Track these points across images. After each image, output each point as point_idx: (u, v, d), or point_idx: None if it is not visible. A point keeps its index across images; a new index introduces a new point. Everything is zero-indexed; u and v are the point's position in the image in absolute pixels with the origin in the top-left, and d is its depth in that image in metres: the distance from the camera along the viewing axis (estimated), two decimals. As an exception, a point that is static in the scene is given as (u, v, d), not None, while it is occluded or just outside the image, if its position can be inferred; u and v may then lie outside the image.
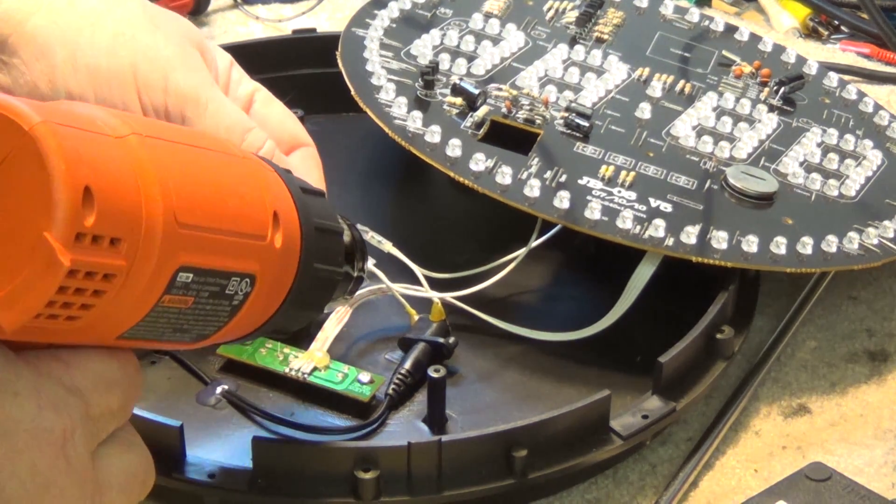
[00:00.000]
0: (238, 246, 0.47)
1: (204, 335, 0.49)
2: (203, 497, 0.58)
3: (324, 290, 0.54)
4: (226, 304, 0.48)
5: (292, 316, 0.52)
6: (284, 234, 0.50)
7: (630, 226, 0.64)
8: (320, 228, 0.53)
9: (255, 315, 0.50)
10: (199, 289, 0.46)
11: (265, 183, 0.50)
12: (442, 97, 0.71)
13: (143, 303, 0.44)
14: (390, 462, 0.56)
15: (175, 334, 0.47)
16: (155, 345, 0.48)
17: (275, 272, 0.49)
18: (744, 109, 0.74)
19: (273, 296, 0.50)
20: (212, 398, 0.62)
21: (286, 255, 0.50)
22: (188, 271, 0.45)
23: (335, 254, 0.54)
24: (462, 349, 0.64)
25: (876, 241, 0.67)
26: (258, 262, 0.48)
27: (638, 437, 0.59)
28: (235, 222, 0.47)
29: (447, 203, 0.76)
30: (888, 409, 0.65)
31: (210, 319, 0.48)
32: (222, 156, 0.49)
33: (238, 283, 0.48)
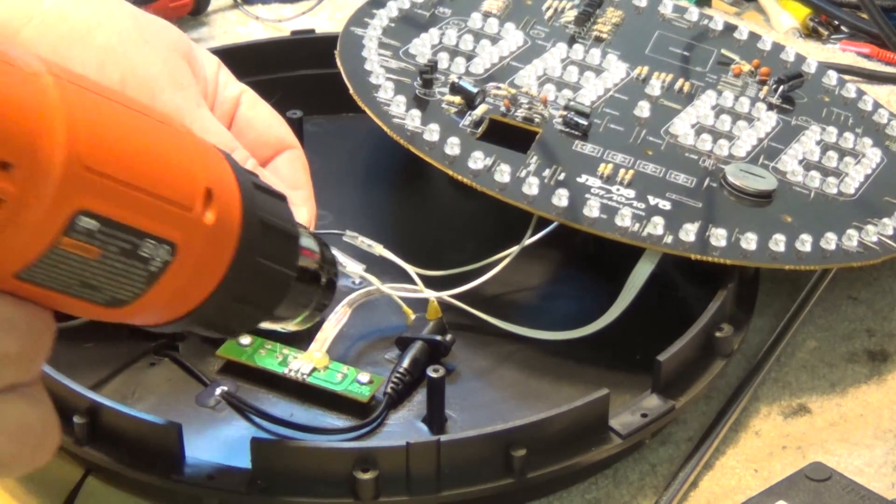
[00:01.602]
0: (156, 208, 0.46)
1: (118, 299, 0.48)
2: (202, 498, 0.57)
3: (269, 288, 0.53)
4: (140, 267, 0.47)
5: (230, 309, 0.52)
6: (219, 215, 0.49)
7: (629, 223, 0.64)
8: (268, 224, 0.52)
9: (182, 294, 0.49)
10: (107, 241, 0.45)
11: (203, 159, 0.49)
12: (440, 96, 0.71)
13: (38, 238, 0.43)
14: (389, 462, 0.55)
15: (84, 290, 0.46)
16: (64, 301, 0.47)
17: (203, 250, 0.49)
18: (743, 108, 0.74)
19: (203, 278, 0.50)
20: (211, 399, 0.62)
21: (219, 237, 0.49)
22: (92, 218, 0.44)
23: (286, 254, 0.53)
24: (461, 348, 0.64)
25: (875, 239, 0.67)
26: (181, 231, 0.47)
27: (637, 436, 0.59)
28: (156, 184, 0.46)
29: (446, 202, 0.76)
30: (888, 409, 0.65)
31: (123, 282, 0.47)
32: (158, 123, 0.48)
33: (154, 247, 0.47)
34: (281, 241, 0.54)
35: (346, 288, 0.66)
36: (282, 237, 0.54)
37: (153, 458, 0.57)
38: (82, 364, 0.63)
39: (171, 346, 0.65)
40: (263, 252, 0.52)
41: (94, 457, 0.57)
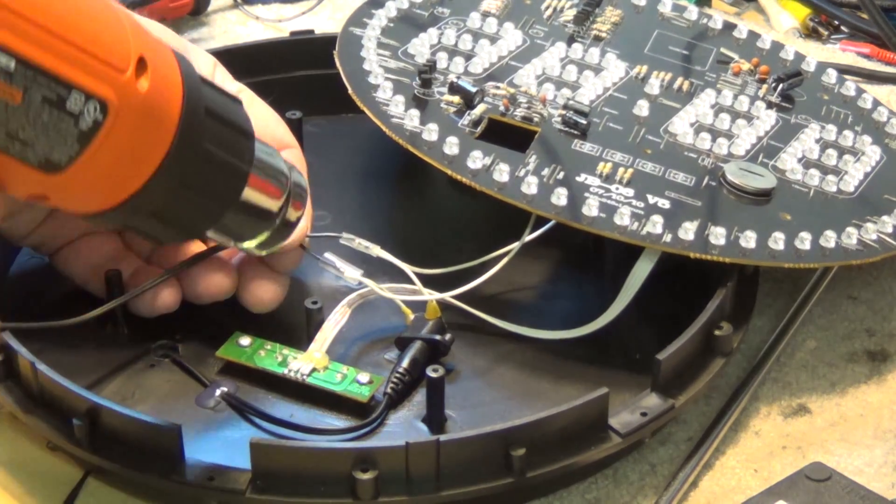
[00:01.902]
0: (82, 61, 0.46)
1: (52, 162, 0.47)
2: (202, 498, 0.58)
3: (220, 179, 0.53)
4: (70, 122, 0.47)
5: (179, 197, 0.51)
6: (154, 85, 0.48)
7: (628, 222, 0.64)
8: (214, 112, 0.52)
9: (122, 169, 0.49)
10: (29, 85, 0.45)
11: (137, 31, 0.49)
12: (439, 96, 0.71)
13: None
14: (389, 462, 0.55)
15: (14, 143, 0.46)
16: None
17: (138, 120, 0.48)
18: (742, 106, 0.74)
19: (142, 153, 0.49)
20: (211, 401, 0.62)
21: (156, 110, 0.49)
22: (7, 55, 0.44)
23: (237, 147, 0.53)
24: (460, 348, 0.64)
25: (874, 237, 0.67)
26: (111, 90, 0.47)
27: (637, 435, 0.59)
28: (83, 37, 0.46)
29: (446, 203, 0.76)
30: (888, 409, 0.65)
31: (54, 138, 0.47)
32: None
33: (83, 101, 0.47)
34: (230, 133, 0.53)
35: (346, 288, 0.66)
36: (231, 129, 0.53)
37: (153, 459, 0.57)
38: (82, 366, 0.63)
39: (172, 347, 0.65)
40: (211, 138, 0.51)
41: (94, 458, 0.57)
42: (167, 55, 0.51)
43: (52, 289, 0.67)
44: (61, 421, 0.58)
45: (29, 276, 0.69)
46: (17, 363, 0.60)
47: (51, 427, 0.59)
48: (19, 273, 0.69)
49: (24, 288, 0.68)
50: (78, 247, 0.66)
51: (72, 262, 0.66)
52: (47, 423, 0.59)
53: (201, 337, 0.65)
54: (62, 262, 0.66)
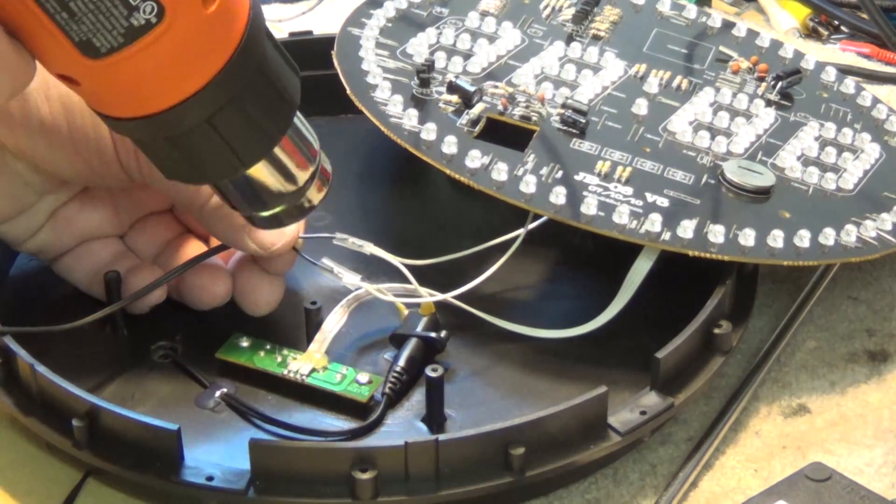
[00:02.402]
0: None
1: (93, 45, 0.47)
2: (201, 499, 0.58)
3: (259, 118, 0.52)
4: (123, 12, 0.46)
5: (209, 128, 0.50)
6: (219, 10, 0.48)
7: (626, 220, 0.64)
8: (276, 44, 0.51)
9: (160, 76, 0.48)
10: None
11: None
12: (438, 95, 0.71)
13: None
14: (388, 462, 0.55)
15: (60, 12, 0.46)
16: (41, 20, 0.46)
17: (191, 35, 0.48)
18: (741, 104, 0.74)
19: (185, 70, 0.48)
20: (210, 401, 0.62)
21: (212, 34, 0.48)
22: None
23: (289, 81, 0.53)
24: (459, 347, 0.64)
25: (874, 234, 0.66)
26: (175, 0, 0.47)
27: (636, 434, 0.59)
28: None
29: (444, 202, 0.76)
30: (888, 409, 0.65)
31: (102, 22, 0.46)
32: None
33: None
34: (286, 68, 0.52)
35: (345, 289, 0.66)
36: (288, 64, 0.52)
37: (152, 459, 0.57)
38: (82, 368, 0.63)
39: (171, 348, 0.65)
40: (261, 78, 0.51)
41: (94, 459, 0.57)
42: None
43: (53, 290, 0.67)
44: (61, 422, 0.58)
45: (29, 277, 0.69)
46: (17, 365, 0.60)
47: (50, 428, 0.59)
48: (19, 275, 0.69)
49: (25, 289, 0.68)
50: (79, 254, 0.66)
51: (74, 269, 0.66)
52: (47, 425, 0.59)
53: (201, 338, 0.65)
54: (64, 270, 0.66)
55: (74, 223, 0.65)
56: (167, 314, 0.66)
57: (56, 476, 0.60)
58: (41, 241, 0.65)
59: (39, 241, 0.65)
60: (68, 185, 0.65)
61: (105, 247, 0.66)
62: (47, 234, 0.65)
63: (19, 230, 0.65)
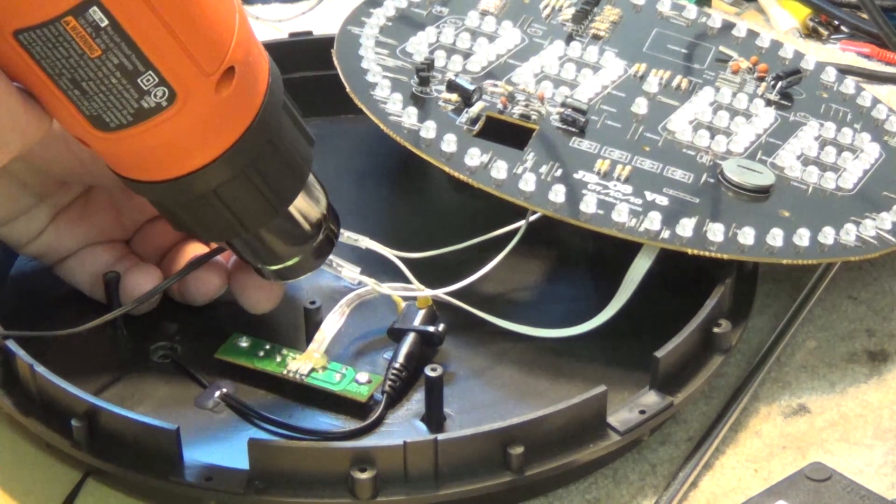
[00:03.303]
0: (171, 48, 0.46)
1: (103, 120, 0.47)
2: (200, 499, 0.57)
3: (268, 189, 0.52)
4: (134, 95, 0.46)
5: (213, 199, 0.51)
6: (232, 96, 0.48)
7: (625, 219, 0.64)
8: (278, 144, 0.51)
9: (168, 152, 0.49)
10: (110, 47, 0.45)
11: (243, 41, 0.49)
12: (437, 94, 0.71)
13: (46, 4, 0.43)
14: (387, 461, 0.55)
15: (73, 89, 0.46)
16: (52, 94, 0.46)
17: (202, 118, 0.48)
18: (741, 104, 0.74)
19: (193, 148, 0.49)
20: (210, 401, 0.62)
21: (223, 119, 0.49)
22: (104, 14, 0.44)
23: (302, 150, 0.53)
24: (458, 347, 0.64)
25: (873, 233, 0.66)
26: (188, 87, 0.47)
27: (635, 433, 0.59)
28: (188, 31, 0.46)
29: (444, 200, 0.76)
30: (888, 409, 0.64)
31: (113, 102, 0.46)
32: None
33: (154, 83, 0.46)
34: (299, 135, 0.53)
35: (344, 288, 0.66)
36: (301, 131, 0.53)
37: (152, 459, 0.57)
38: (81, 368, 0.63)
39: (171, 348, 0.65)
40: (266, 161, 0.51)
41: (93, 459, 0.57)
42: (260, 67, 0.51)
43: (53, 290, 0.67)
44: (60, 422, 0.58)
45: (29, 278, 0.69)
46: (16, 365, 0.60)
47: (49, 429, 0.59)
48: (19, 275, 0.69)
49: (25, 290, 0.68)
50: (81, 257, 0.66)
51: (77, 272, 0.66)
52: (46, 425, 0.59)
53: (200, 338, 0.65)
54: (67, 273, 0.66)
55: (77, 227, 0.65)
56: (167, 314, 0.66)
57: (55, 476, 0.60)
58: (44, 244, 0.65)
59: (42, 244, 0.65)
60: (67, 186, 0.65)
61: (108, 251, 0.66)
62: (50, 237, 0.65)
63: (21, 233, 0.64)
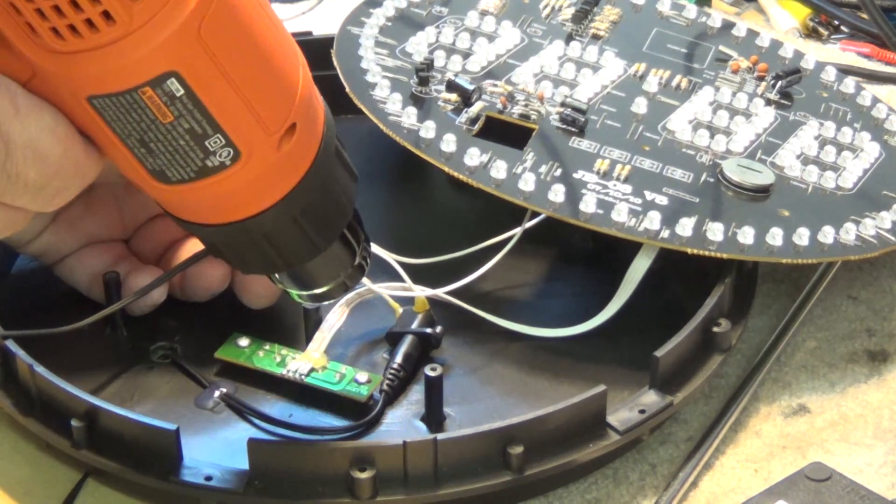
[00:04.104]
0: (241, 113, 0.47)
1: (165, 175, 0.48)
2: (200, 499, 0.57)
3: (301, 240, 0.53)
4: (199, 155, 0.47)
5: (268, 240, 0.52)
6: (293, 148, 0.49)
7: (625, 218, 0.64)
8: (331, 187, 0.52)
9: (228, 200, 0.50)
10: (183, 113, 0.46)
11: (305, 97, 0.50)
12: (437, 94, 0.71)
13: (125, 73, 0.44)
14: (386, 461, 0.55)
15: (140, 148, 0.47)
16: (117, 148, 0.47)
17: (262, 171, 0.49)
18: (740, 103, 0.74)
19: (252, 196, 0.50)
20: (210, 401, 0.62)
21: (283, 169, 0.50)
22: (181, 84, 0.45)
23: (331, 218, 0.54)
24: (458, 346, 0.64)
25: (873, 232, 0.66)
26: (252, 146, 0.48)
27: (635, 432, 0.59)
28: (253, 91, 0.47)
29: (444, 200, 0.76)
30: (888, 409, 0.64)
31: (178, 160, 0.47)
32: (284, 42, 0.49)
33: (222, 145, 0.47)
34: (335, 203, 0.54)
35: (344, 288, 0.66)
36: (339, 198, 0.54)
37: (151, 460, 0.57)
38: (81, 368, 0.63)
39: (171, 348, 0.65)
40: (318, 204, 0.52)
41: (93, 460, 0.57)
42: (318, 117, 0.52)
43: (52, 290, 0.67)
44: (60, 423, 0.58)
45: (29, 277, 0.69)
46: (16, 365, 0.60)
47: (49, 429, 0.59)
48: (19, 275, 0.69)
49: (24, 289, 0.68)
50: (81, 256, 0.66)
51: (76, 271, 0.66)
52: (46, 425, 0.59)
53: (200, 338, 0.65)
54: (66, 272, 0.66)
55: (79, 226, 0.65)
56: (167, 314, 0.66)
57: (55, 476, 0.60)
58: (45, 243, 0.65)
59: (43, 243, 0.65)
60: None
61: (108, 250, 0.66)
62: (51, 236, 0.65)
63: (22, 232, 0.64)
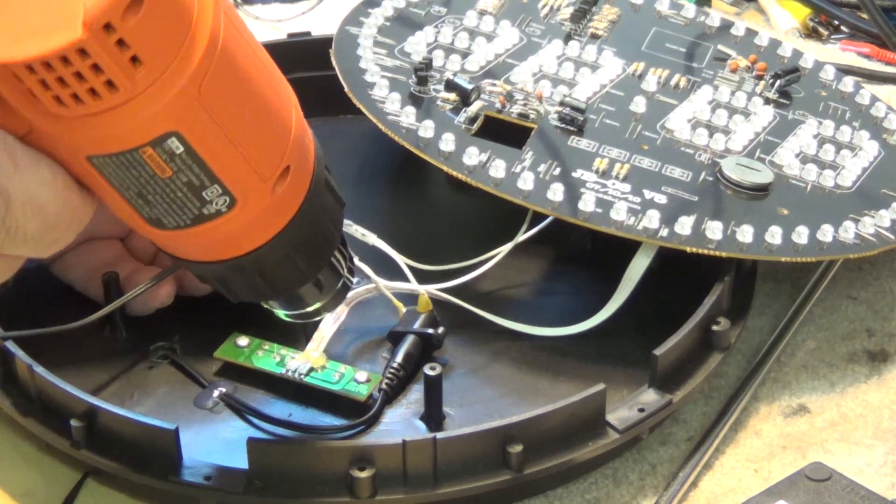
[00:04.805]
0: (237, 164, 0.47)
1: (161, 222, 0.49)
2: (199, 499, 0.57)
3: (292, 272, 0.54)
4: (196, 205, 0.48)
5: (263, 273, 0.53)
6: (286, 190, 0.50)
7: (624, 217, 0.64)
8: (320, 218, 0.53)
9: (224, 241, 0.50)
10: (181, 169, 0.46)
11: (298, 139, 0.50)
12: (436, 93, 0.71)
13: (127, 137, 0.44)
14: (386, 460, 0.55)
15: (137, 199, 0.47)
16: (114, 199, 0.48)
17: (257, 214, 0.49)
18: (739, 102, 0.74)
19: (247, 236, 0.51)
20: (209, 401, 0.62)
21: (278, 209, 0.50)
22: (181, 143, 0.45)
23: (319, 252, 0.55)
24: (457, 345, 0.64)
25: (872, 230, 0.66)
26: (248, 193, 0.48)
27: (634, 431, 0.59)
28: (249, 142, 0.47)
29: (443, 200, 0.76)
30: (888, 409, 0.64)
31: (175, 210, 0.48)
32: (277, 89, 0.49)
33: (218, 194, 0.48)
34: (325, 234, 0.54)
35: (343, 287, 0.66)
36: (328, 228, 0.54)
37: (151, 459, 0.57)
38: (81, 368, 0.63)
39: (170, 348, 0.64)
40: (310, 235, 0.53)
41: (92, 459, 0.57)
42: (310, 154, 0.52)
43: (52, 290, 0.67)
44: (59, 423, 0.58)
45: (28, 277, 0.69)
46: (15, 366, 0.60)
47: (49, 429, 0.59)
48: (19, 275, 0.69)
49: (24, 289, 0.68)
50: (79, 252, 0.66)
51: (73, 267, 0.66)
52: (45, 426, 0.59)
53: (199, 338, 0.65)
54: (63, 269, 0.66)
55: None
56: (166, 314, 0.66)
57: (55, 476, 0.60)
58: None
59: None
60: None
61: (106, 248, 0.66)
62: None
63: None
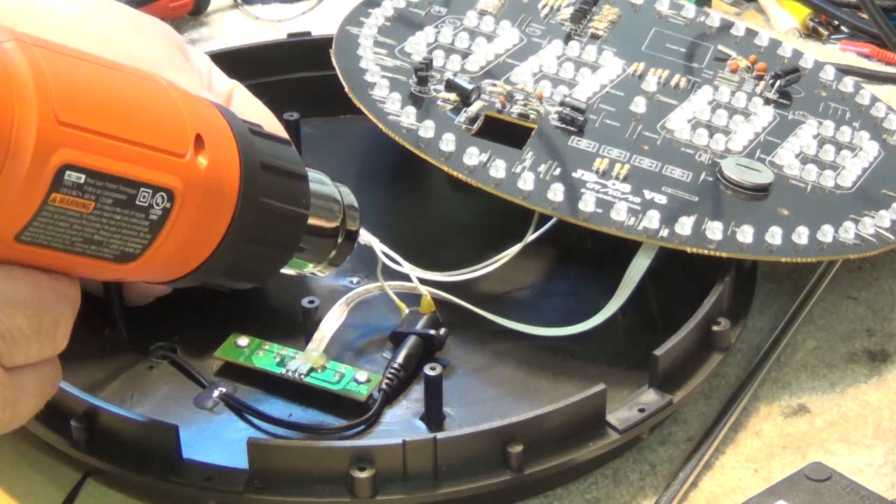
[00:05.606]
0: (144, 157, 0.47)
1: (128, 253, 0.48)
2: (199, 499, 0.57)
3: (283, 226, 0.54)
4: (141, 217, 0.47)
5: (247, 252, 0.52)
6: (213, 158, 0.49)
7: (624, 217, 0.64)
8: (270, 165, 0.52)
9: (193, 242, 0.50)
10: (99, 193, 0.46)
11: (190, 107, 0.50)
12: (436, 93, 0.71)
13: (27, 199, 0.44)
14: (386, 460, 0.55)
15: (90, 247, 0.47)
16: (73, 261, 0.47)
17: (203, 195, 0.49)
18: (739, 103, 0.74)
19: (210, 224, 0.50)
20: (209, 401, 0.61)
21: (218, 181, 0.50)
22: (78, 171, 0.45)
23: (294, 194, 0.54)
24: (458, 345, 0.64)
25: (872, 231, 0.66)
26: (176, 177, 0.48)
27: (634, 431, 0.59)
28: (140, 133, 0.47)
29: (443, 200, 0.76)
30: (888, 409, 0.64)
31: (127, 234, 0.48)
32: (136, 77, 0.49)
33: (151, 195, 0.47)
34: (287, 181, 0.54)
35: (343, 287, 0.66)
36: (287, 177, 0.54)
37: (151, 459, 0.56)
38: (81, 368, 0.63)
39: (170, 348, 0.64)
40: (269, 192, 0.52)
41: (93, 460, 0.57)
42: (217, 120, 0.52)
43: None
44: (59, 423, 0.58)
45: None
46: (15, 365, 0.60)
47: (49, 429, 0.58)
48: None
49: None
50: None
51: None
52: (45, 426, 0.59)
53: (199, 338, 0.65)
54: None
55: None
56: (166, 314, 0.66)
57: (55, 477, 0.60)
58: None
59: None
60: None
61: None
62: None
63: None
